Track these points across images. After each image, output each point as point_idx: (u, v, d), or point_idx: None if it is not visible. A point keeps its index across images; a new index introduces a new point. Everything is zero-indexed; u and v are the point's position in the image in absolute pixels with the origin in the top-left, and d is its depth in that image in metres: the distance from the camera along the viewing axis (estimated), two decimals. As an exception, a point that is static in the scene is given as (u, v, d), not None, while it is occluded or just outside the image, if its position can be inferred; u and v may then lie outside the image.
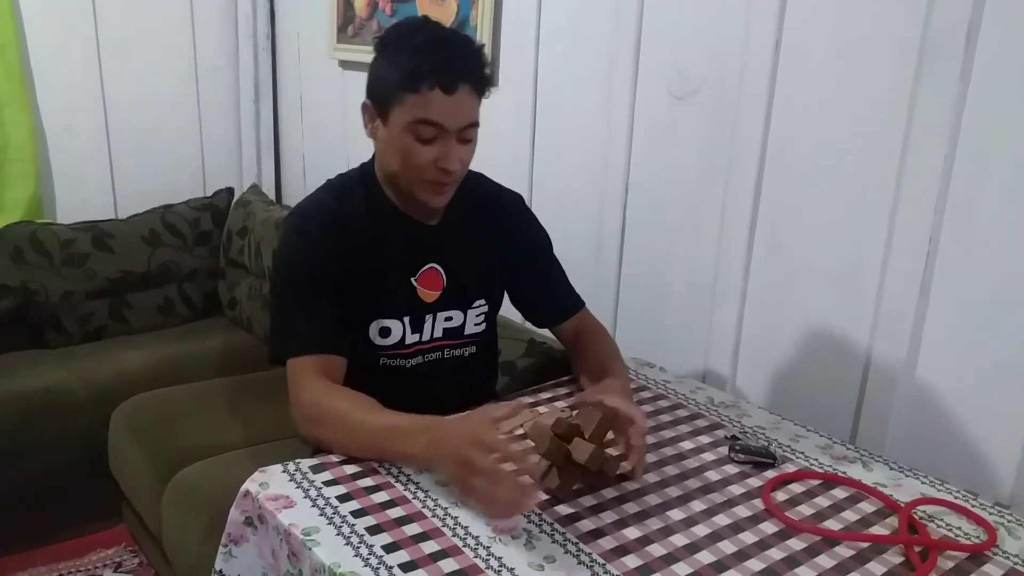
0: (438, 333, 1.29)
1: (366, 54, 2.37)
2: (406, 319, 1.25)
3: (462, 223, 1.30)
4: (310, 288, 1.18)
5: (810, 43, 1.38)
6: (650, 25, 1.63)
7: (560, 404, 1.29)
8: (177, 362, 2.16)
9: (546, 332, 1.49)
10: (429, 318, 1.27)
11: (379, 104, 1.17)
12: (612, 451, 1.05)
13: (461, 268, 1.29)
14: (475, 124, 1.17)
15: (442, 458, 1.00)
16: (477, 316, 1.32)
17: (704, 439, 1.23)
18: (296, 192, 2.94)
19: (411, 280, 1.26)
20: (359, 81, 2.67)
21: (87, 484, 1.97)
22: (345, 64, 2.55)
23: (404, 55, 1.12)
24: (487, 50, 1.21)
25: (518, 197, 1.41)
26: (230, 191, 2.66)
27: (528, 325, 1.60)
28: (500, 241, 1.34)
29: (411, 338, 1.27)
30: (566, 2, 1.81)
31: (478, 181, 1.36)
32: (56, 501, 1.97)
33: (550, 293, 1.40)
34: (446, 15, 2.07)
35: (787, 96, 1.42)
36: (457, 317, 1.30)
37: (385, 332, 1.25)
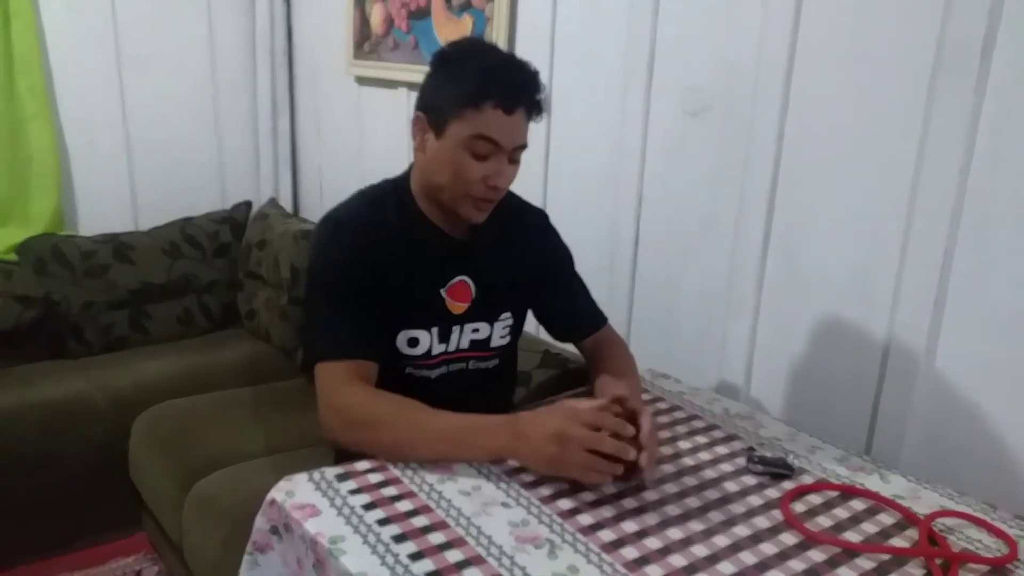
0: (464, 344, 1.30)
1: (382, 70, 2.43)
2: (434, 330, 1.27)
3: (491, 236, 1.31)
4: (343, 293, 1.20)
5: (823, 57, 1.39)
6: (663, 41, 1.65)
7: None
8: (196, 372, 2.19)
9: (562, 343, 1.50)
10: (456, 329, 1.29)
11: (434, 118, 1.19)
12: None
13: (490, 281, 1.31)
14: (525, 146, 1.21)
15: (532, 444, 1.05)
16: (503, 329, 1.34)
17: (721, 450, 1.24)
18: (313, 205, 2.97)
19: (440, 291, 1.27)
20: (375, 97, 2.71)
21: (107, 493, 2.00)
22: (361, 80, 2.58)
23: (469, 73, 1.16)
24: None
25: (543, 214, 1.44)
26: (248, 204, 2.69)
27: (543, 336, 1.62)
28: (526, 255, 1.36)
29: (438, 348, 1.28)
30: (579, 18, 1.84)
31: (506, 196, 1.37)
32: (76, 509, 1.99)
33: (573, 309, 1.42)
34: (461, 32, 2.09)
35: (800, 109, 1.44)
36: (484, 329, 1.32)
37: (413, 342, 1.26)
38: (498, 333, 1.33)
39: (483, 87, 1.14)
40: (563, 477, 1.06)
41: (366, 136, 2.61)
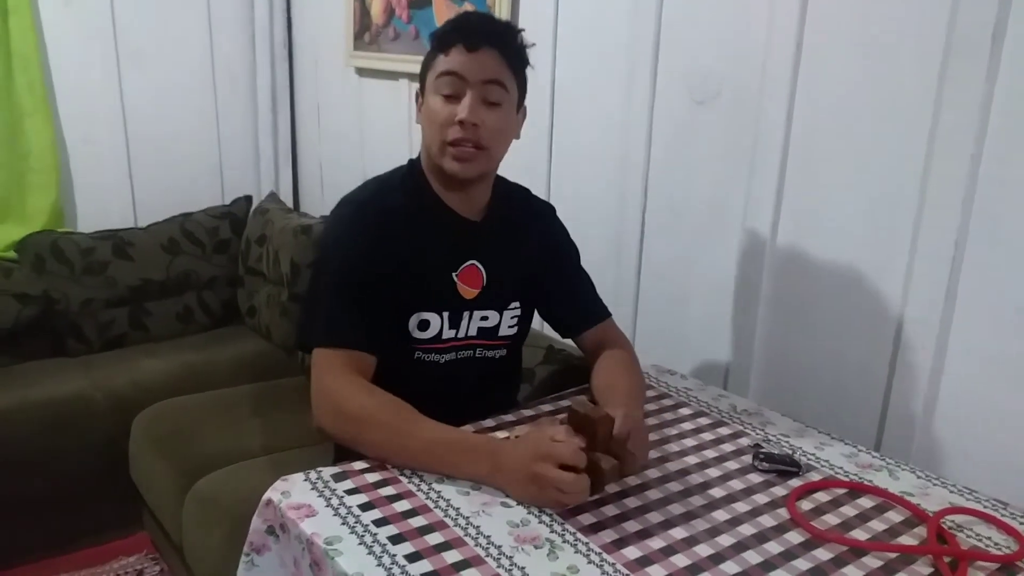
0: (473, 331, 1.29)
1: (383, 61, 2.41)
2: (445, 314, 1.26)
3: (502, 224, 1.32)
4: (353, 280, 1.19)
5: (832, 44, 1.37)
6: (669, 27, 1.63)
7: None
8: (196, 370, 2.17)
9: (566, 340, 1.48)
10: (467, 315, 1.28)
11: (421, 83, 1.24)
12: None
13: (500, 268, 1.30)
14: (501, 84, 1.19)
15: (510, 478, 1.03)
16: (511, 318, 1.33)
17: (727, 447, 1.21)
18: (314, 200, 2.95)
19: (452, 275, 1.26)
20: (376, 88, 2.69)
21: (108, 492, 1.98)
22: (362, 71, 2.56)
23: (442, 28, 1.22)
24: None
25: (550, 207, 1.44)
26: (248, 199, 2.67)
27: (547, 332, 1.60)
28: (534, 246, 1.36)
29: (448, 333, 1.27)
30: (583, 5, 1.81)
31: (517, 189, 1.39)
32: (77, 509, 1.98)
33: (576, 302, 1.40)
34: (462, 22, 2.07)
35: (809, 98, 1.41)
36: (493, 317, 1.31)
37: (424, 325, 1.25)
38: (506, 322, 1.33)
39: (447, 32, 1.19)
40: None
41: (367, 128, 2.59)
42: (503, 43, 1.19)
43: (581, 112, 1.86)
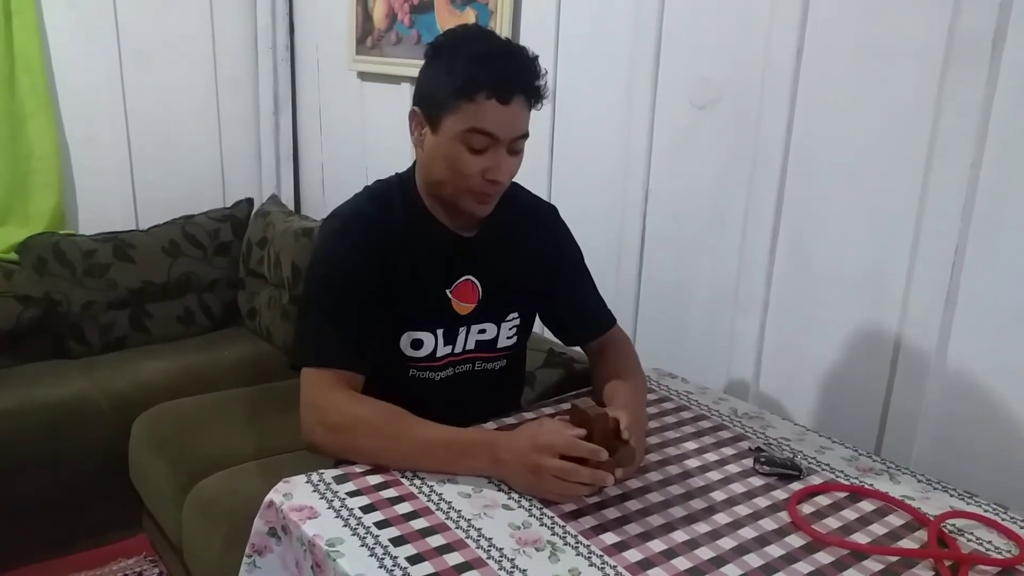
0: (470, 345, 1.28)
1: (385, 65, 2.42)
2: (439, 331, 1.24)
3: (499, 234, 1.28)
4: (343, 296, 1.17)
5: (832, 50, 1.37)
6: (670, 34, 1.63)
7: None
8: (197, 372, 2.17)
9: (569, 346, 1.48)
10: (463, 331, 1.26)
11: (429, 111, 1.15)
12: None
13: (497, 280, 1.27)
14: (525, 136, 1.16)
15: (509, 470, 1.04)
16: (510, 329, 1.31)
17: (728, 451, 1.22)
18: (315, 203, 2.96)
19: (446, 292, 1.24)
20: (377, 92, 2.69)
21: (108, 494, 1.98)
22: (364, 75, 2.57)
23: (460, 63, 1.10)
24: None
25: (553, 209, 1.40)
26: (250, 202, 2.68)
27: (548, 336, 1.60)
28: (535, 253, 1.32)
29: (443, 350, 1.25)
30: (585, 11, 1.82)
31: (515, 191, 1.34)
32: (77, 511, 1.98)
33: (581, 310, 1.38)
34: (464, 26, 2.07)
35: (809, 103, 1.42)
36: (491, 330, 1.29)
37: (417, 344, 1.23)
38: (505, 334, 1.31)
39: (476, 76, 1.08)
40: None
41: (368, 132, 2.60)
42: (531, 90, 1.13)
43: (582, 120, 1.87)
